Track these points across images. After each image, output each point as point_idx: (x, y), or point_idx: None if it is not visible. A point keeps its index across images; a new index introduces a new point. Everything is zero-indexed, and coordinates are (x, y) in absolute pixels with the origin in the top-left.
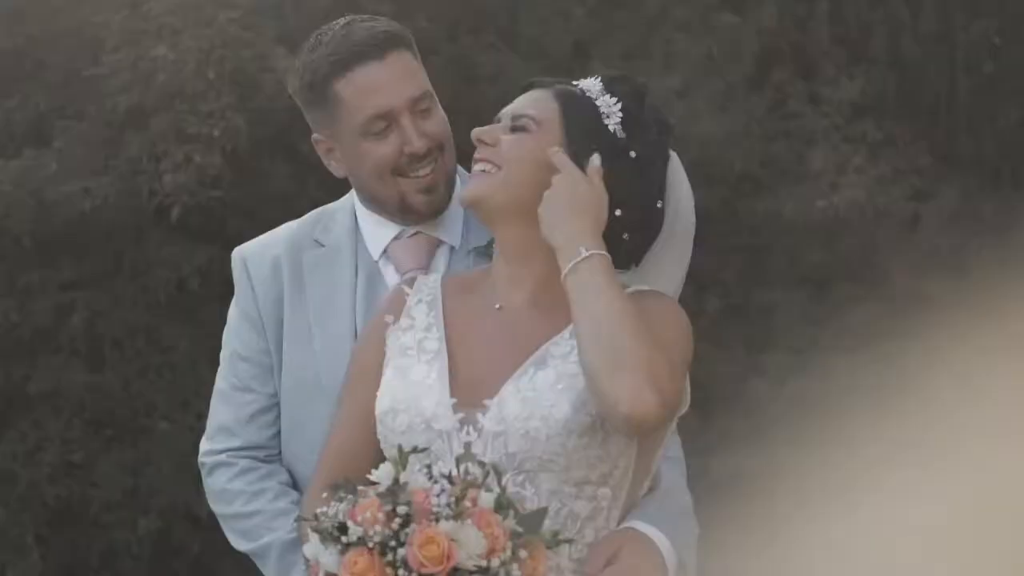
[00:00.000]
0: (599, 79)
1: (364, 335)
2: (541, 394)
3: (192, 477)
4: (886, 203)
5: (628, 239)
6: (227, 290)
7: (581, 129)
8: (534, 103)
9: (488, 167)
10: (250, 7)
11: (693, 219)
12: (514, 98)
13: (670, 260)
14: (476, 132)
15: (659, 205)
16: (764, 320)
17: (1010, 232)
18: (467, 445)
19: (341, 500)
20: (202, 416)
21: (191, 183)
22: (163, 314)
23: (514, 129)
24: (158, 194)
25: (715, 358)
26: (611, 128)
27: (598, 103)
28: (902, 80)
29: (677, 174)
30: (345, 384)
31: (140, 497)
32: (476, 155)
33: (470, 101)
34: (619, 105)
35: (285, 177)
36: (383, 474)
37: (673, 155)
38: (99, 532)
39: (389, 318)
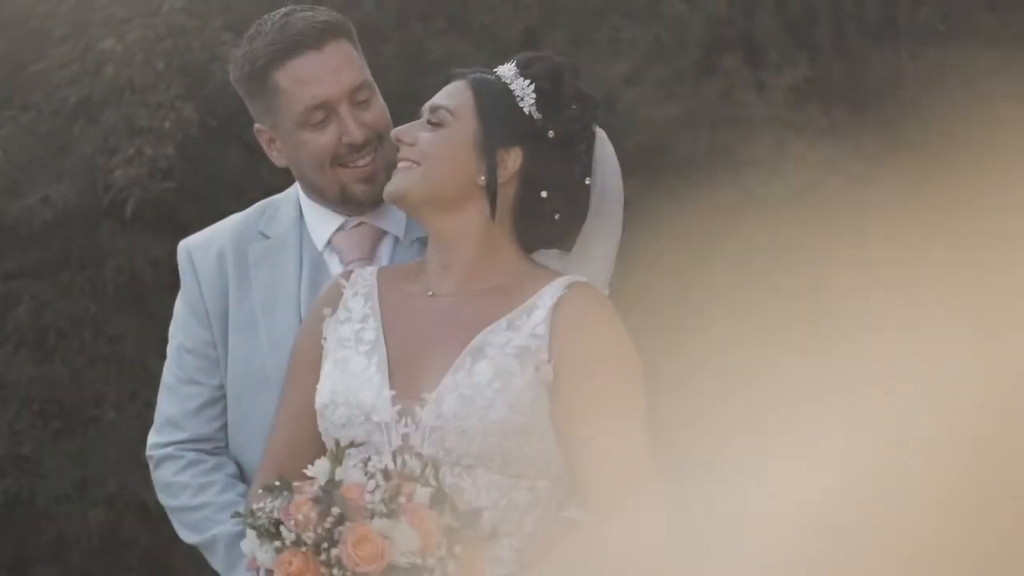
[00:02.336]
0: (514, 62)
1: (302, 329)
2: (478, 392)
3: (141, 468)
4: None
5: (560, 219)
6: (177, 280)
7: (495, 115)
8: (449, 95)
9: (407, 164)
10: None
11: (621, 194)
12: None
13: (600, 236)
14: (395, 132)
15: (587, 182)
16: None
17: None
18: (405, 437)
19: (276, 496)
20: (150, 408)
21: (143, 177)
22: (111, 304)
23: (431, 123)
24: (112, 188)
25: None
26: (526, 111)
27: (512, 87)
28: (847, 66)
29: (604, 149)
30: (285, 380)
31: (89, 489)
32: (398, 155)
33: (420, 88)
34: (532, 87)
35: (237, 163)
36: (319, 470)
37: (600, 131)
38: (48, 524)
39: (326, 311)
